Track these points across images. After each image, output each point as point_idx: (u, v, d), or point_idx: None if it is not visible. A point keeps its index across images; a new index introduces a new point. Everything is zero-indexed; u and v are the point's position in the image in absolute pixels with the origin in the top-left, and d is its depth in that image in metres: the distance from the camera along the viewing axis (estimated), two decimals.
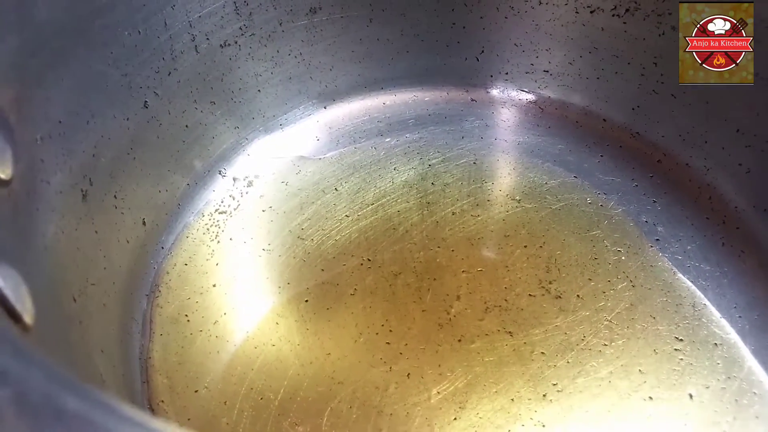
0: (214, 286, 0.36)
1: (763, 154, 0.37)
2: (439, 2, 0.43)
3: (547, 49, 0.44)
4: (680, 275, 0.36)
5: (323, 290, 0.36)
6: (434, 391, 0.32)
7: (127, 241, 0.35)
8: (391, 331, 0.34)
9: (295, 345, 0.34)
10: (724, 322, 0.34)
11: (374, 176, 0.42)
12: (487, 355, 0.33)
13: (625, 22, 0.40)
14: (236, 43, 0.39)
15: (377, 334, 0.34)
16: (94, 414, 0.14)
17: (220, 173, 0.42)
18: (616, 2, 0.40)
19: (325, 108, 0.46)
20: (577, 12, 0.41)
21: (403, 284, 0.36)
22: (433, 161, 0.42)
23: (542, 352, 0.33)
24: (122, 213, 0.34)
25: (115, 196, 0.33)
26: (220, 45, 0.39)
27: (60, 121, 0.28)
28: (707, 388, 0.31)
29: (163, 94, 0.36)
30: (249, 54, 0.40)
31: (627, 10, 0.40)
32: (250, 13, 0.39)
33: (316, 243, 0.38)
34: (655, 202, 0.39)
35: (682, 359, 0.32)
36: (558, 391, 0.32)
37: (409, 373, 0.32)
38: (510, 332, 0.34)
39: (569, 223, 0.39)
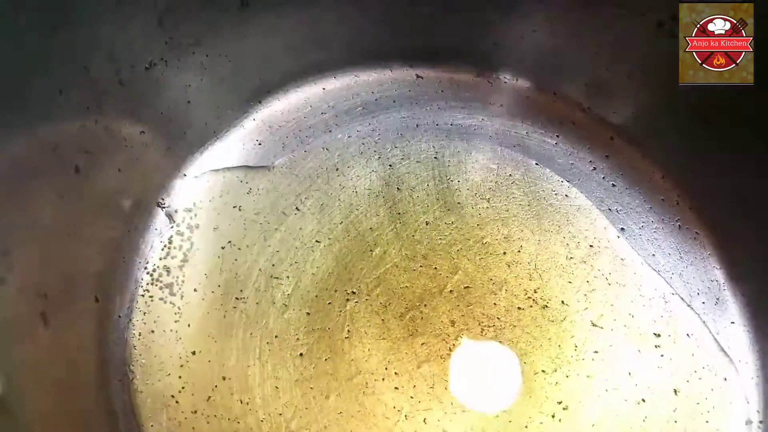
0: (194, 353, 0.33)
1: (713, 138, 0.38)
2: None
3: (498, 22, 0.41)
4: (647, 267, 0.38)
5: (315, 338, 0.34)
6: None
7: (89, 335, 0.30)
8: (396, 374, 0.33)
9: (303, 410, 0.32)
10: (690, 312, 0.37)
11: (334, 187, 0.38)
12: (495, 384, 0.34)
13: None
14: (162, 59, 0.33)
15: (383, 380, 0.33)
16: None
17: (159, 205, 0.36)
18: None
19: (260, 103, 0.40)
20: None
21: (394, 317, 0.35)
22: (393, 160, 0.40)
23: (543, 371, 0.34)
24: (78, 305, 0.29)
25: (67, 291, 0.28)
26: (145, 68, 0.32)
27: (5, 252, 0.22)
28: (688, 381, 0.35)
29: (93, 149, 0.29)
30: (177, 67, 0.34)
31: None
32: (176, 22, 0.32)
33: (293, 281, 0.35)
34: (614, 186, 0.40)
35: (663, 355, 0.35)
36: (564, 409, 0.33)
37: (425, 419, 0.32)
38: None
39: (541, 220, 0.39)
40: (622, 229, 0.39)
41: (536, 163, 0.40)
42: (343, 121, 0.41)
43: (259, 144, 0.39)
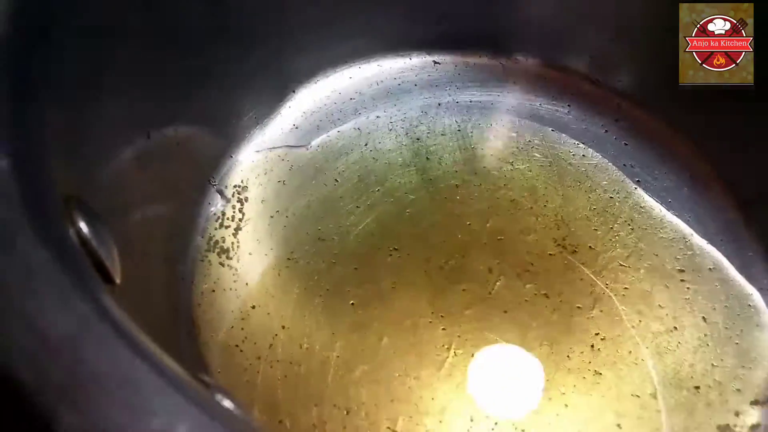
0: (253, 308, 0.35)
1: (717, 90, 0.41)
2: None
3: (504, 7, 0.45)
4: (666, 212, 0.40)
5: (364, 290, 0.36)
6: (500, 366, 0.34)
7: (161, 286, 0.32)
8: (442, 316, 0.36)
9: (359, 351, 0.34)
10: (710, 248, 0.39)
11: (368, 159, 0.42)
12: (534, 321, 0.36)
13: None
14: (215, 42, 0.36)
15: (431, 322, 0.35)
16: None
17: (210, 183, 0.39)
18: None
19: (294, 93, 0.44)
20: None
21: (436, 268, 0.37)
22: (420, 134, 0.43)
23: (578, 307, 0.37)
24: (152, 260, 0.31)
25: (139, 243, 0.31)
26: (201, 48, 0.35)
27: (109, 193, 0.25)
28: (714, 309, 0.37)
29: (159, 118, 0.33)
30: (226, 52, 0.37)
31: None
32: (227, 6, 0.35)
33: (338, 242, 0.38)
34: (626, 144, 0.43)
35: (688, 288, 0.37)
36: (602, 339, 0.35)
37: (473, 354, 0.35)
38: (546, 294, 0.37)
39: (562, 177, 0.41)
40: (638, 181, 0.42)
41: (552, 130, 0.44)
42: (370, 104, 0.44)
43: (296, 128, 0.43)
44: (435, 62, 0.46)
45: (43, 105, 0.20)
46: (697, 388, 0.34)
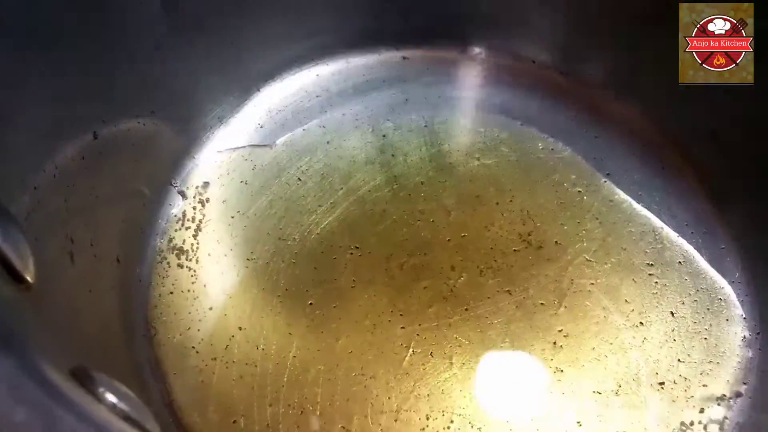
0: (211, 309, 0.35)
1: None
2: None
3: (470, 2, 0.44)
4: (636, 204, 0.39)
5: (323, 290, 0.36)
6: (458, 363, 0.34)
7: (112, 287, 0.32)
8: (401, 315, 0.35)
9: (315, 351, 0.34)
10: (681, 240, 0.38)
11: (333, 158, 0.41)
12: (495, 318, 0.35)
13: None
14: (168, 44, 0.36)
15: (390, 321, 0.35)
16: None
17: (171, 185, 0.39)
18: None
19: (258, 91, 0.43)
20: None
21: (397, 266, 0.37)
22: (387, 131, 0.42)
23: (542, 303, 0.36)
24: (101, 260, 0.31)
25: (91, 244, 0.30)
26: (153, 50, 0.35)
27: (35, 187, 0.25)
28: (683, 304, 0.36)
29: (109, 119, 0.32)
30: (181, 53, 0.37)
31: None
32: (179, 9, 0.35)
33: (299, 241, 0.38)
34: (596, 137, 0.43)
35: (657, 282, 0.37)
36: (565, 336, 0.35)
37: (431, 352, 0.34)
38: (508, 291, 0.36)
39: (529, 172, 0.41)
40: (608, 174, 0.41)
41: (521, 124, 0.43)
42: (337, 101, 0.44)
43: (261, 127, 0.42)
44: (404, 57, 0.46)
45: None
46: (662, 384, 0.34)
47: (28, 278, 0.20)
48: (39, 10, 0.27)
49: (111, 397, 0.16)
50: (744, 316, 0.36)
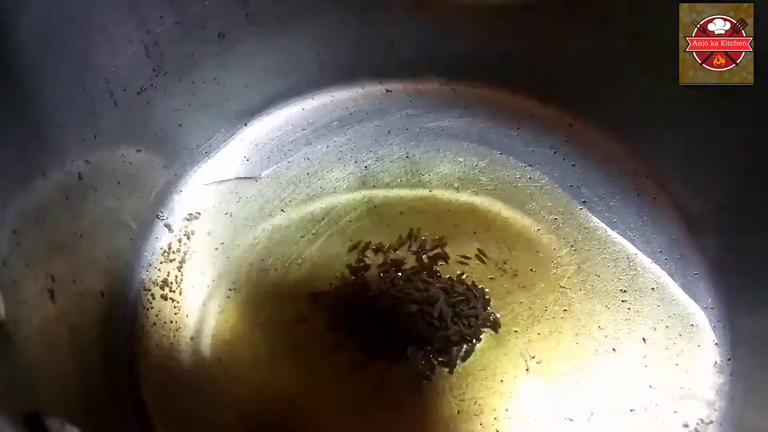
0: (192, 339, 0.36)
1: (660, 108, 0.41)
2: (342, 5, 0.43)
3: (453, 35, 0.45)
4: (611, 231, 0.40)
5: (302, 318, 0.37)
6: (433, 392, 0.35)
7: (96, 321, 0.33)
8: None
9: (295, 380, 0.35)
10: (654, 267, 0.39)
11: (316, 189, 0.42)
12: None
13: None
14: (152, 85, 0.37)
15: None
16: None
17: (158, 217, 0.40)
18: None
19: (246, 125, 0.45)
20: None
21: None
22: (369, 162, 0.44)
23: (515, 330, 0.37)
24: (84, 296, 0.33)
25: (74, 281, 0.32)
26: (137, 92, 0.37)
27: (15, 231, 0.27)
28: (655, 330, 0.36)
29: (93, 159, 0.34)
30: (165, 93, 0.39)
31: None
32: (161, 53, 0.37)
33: (280, 272, 0.39)
34: (574, 165, 0.43)
35: (629, 308, 0.37)
36: (537, 363, 0.35)
37: (402, 380, 0.35)
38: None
39: (506, 201, 0.42)
40: (584, 201, 0.42)
41: (500, 153, 0.44)
42: (321, 134, 0.45)
43: (247, 160, 0.44)
44: (387, 90, 0.47)
45: None
46: (633, 410, 0.34)
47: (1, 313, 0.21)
48: (23, 52, 0.28)
49: None
50: (716, 341, 0.36)
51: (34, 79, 0.29)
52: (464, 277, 0.38)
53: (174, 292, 0.38)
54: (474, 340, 0.36)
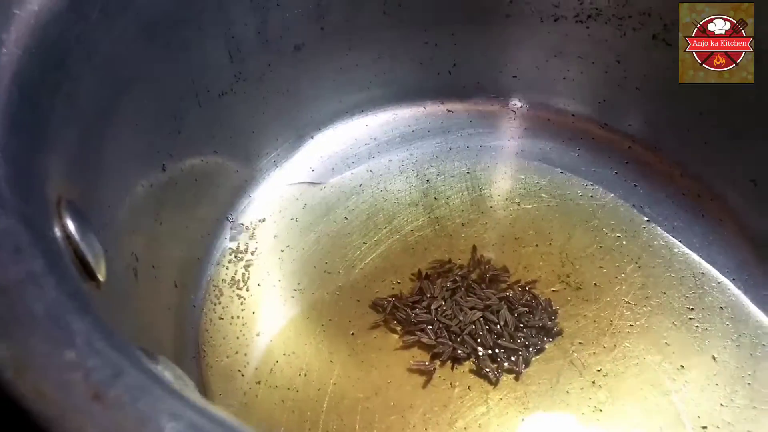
0: (258, 335, 0.37)
1: (724, 131, 0.41)
2: (411, 24, 0.44)
3: (515, 57, 0.47)
4: (676, 250, 0.40)
5: (365, 321, 0.37)
6: (497, 398, 0.34)
7: (168, 308, 0.34)
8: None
9: (355, 380, 0.35)
10: (723, 286, 0.38)
11: (378, 199, 0.43)
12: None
13: (588, 27, 0.43)
14: (232, 90, 0.39)
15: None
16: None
17: (228, 219, 0.41)
18: (578, 10, 0.43)
19: (312, 138, 0.46)
20: (541, 21, 0.44)
21: None
22: (430, 176, 0.44)
23: (580, 342, 0.36)
24: (161, 282, 0.34)
25: (153, 266, 0.33)
26: (218, 95, 0.38)
27: (108, 206, 0.28)
28: (725, 348, 0.36)
29: (176, 154, 0.35)
30: (243, 99, 0.40)
31: (589, 17, 0.43)
32: (243, 59, 0.39)
33: (343, 275, 0.39)
34: (636, 186, 0.44)
35: (697, 326, 0.37)
36: (604, 376, 0.35)
37: (469, 386, 0.35)
38: None
39: (569, 217, 0.42)
40: (648, 220, 0.42)
41: (561, 171, 0.45)
42: (384, 149, 0.46)
43: (312, 170, 0.45)
44: (448, 110, 0.49)
45: (54, 119, 0.23)
46: (704, 428, 0.33)
47: (100, 277, 0.22)
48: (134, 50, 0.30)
49: (169, 375, 0.18)
50: None
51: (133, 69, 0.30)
52: (527, 288, 0.38)
53: (241, 289, 0.38)
54: (539, 350, 0.35)
